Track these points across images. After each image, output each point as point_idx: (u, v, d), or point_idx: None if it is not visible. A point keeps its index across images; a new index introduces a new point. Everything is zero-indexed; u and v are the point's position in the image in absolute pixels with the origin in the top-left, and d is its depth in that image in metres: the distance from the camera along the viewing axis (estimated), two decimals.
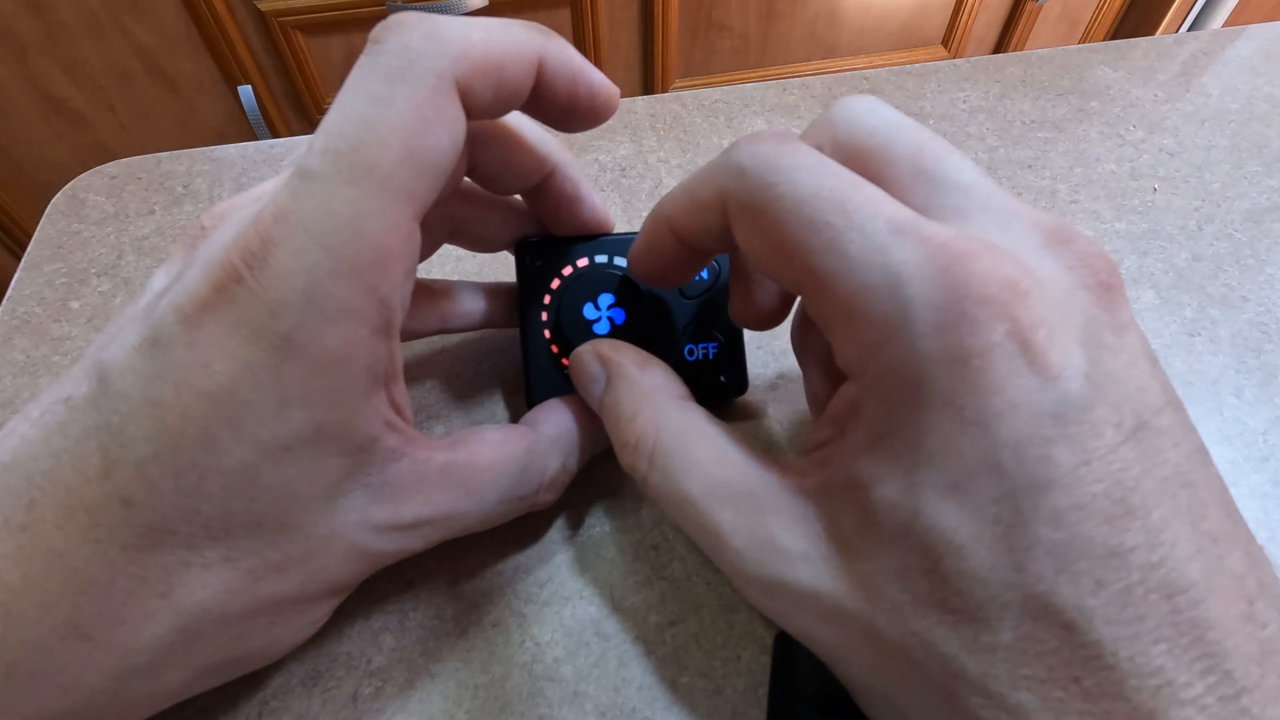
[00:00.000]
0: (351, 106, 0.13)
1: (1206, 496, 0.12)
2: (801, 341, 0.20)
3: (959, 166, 0.14)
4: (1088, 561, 0.11)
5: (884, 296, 0.13)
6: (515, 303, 0.23)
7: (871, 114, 0.15)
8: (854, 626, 0.14)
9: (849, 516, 0.14)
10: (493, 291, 0.23)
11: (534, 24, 0.16)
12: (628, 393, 0.18)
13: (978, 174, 0.14)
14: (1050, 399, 0.12)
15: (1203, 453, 0.13)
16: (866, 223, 0.13)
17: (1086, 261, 0.13)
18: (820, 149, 0.15)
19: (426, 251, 0.21)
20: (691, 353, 0.22)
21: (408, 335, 0.21)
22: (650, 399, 0.17)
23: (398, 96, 0.13)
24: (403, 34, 0.14)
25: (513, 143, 0.18)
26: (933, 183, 0.14)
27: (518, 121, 0.18)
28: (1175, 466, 0.12)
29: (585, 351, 0.19)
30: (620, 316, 0.21)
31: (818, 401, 0.19)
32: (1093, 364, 0.12)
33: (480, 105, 0.15)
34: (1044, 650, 0.11)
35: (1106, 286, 0.13)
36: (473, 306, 0.22)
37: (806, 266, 0.14)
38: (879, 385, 0.13)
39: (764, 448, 0.22)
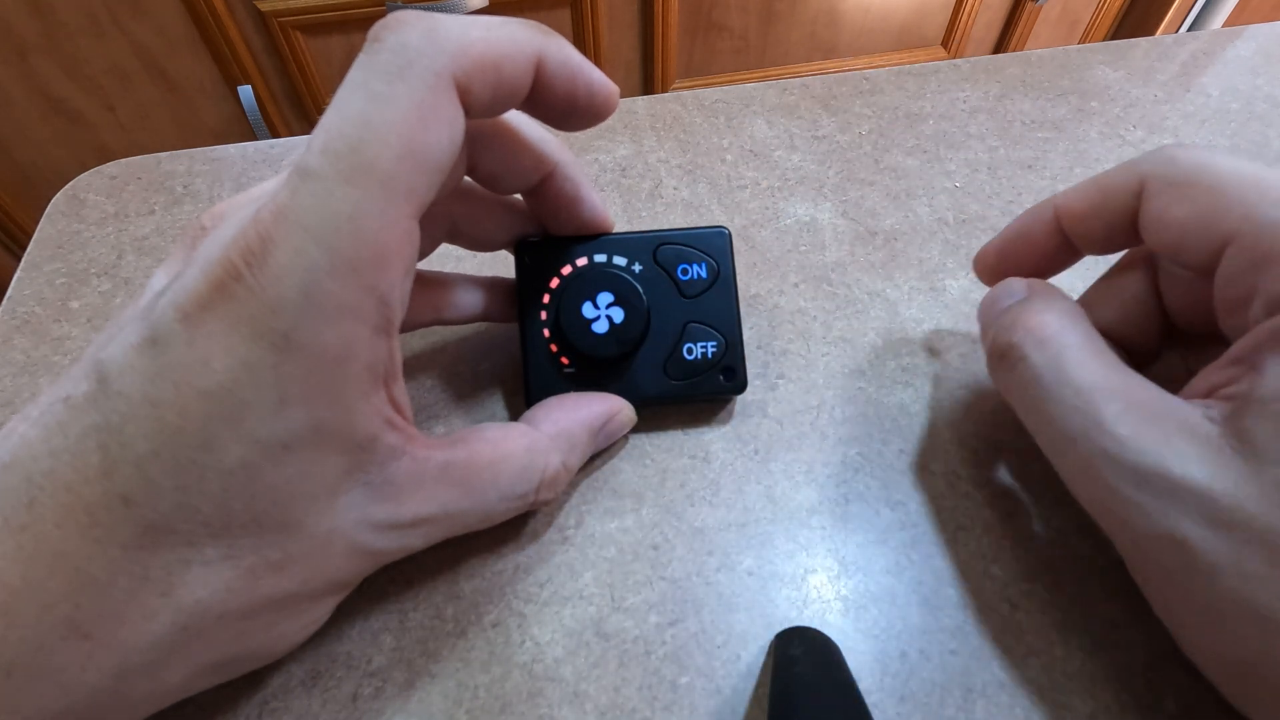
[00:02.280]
0: (350, 105, 0.13)
1: None
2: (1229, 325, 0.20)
3: None
4: None
5: None
6: (512, 296, 0.23)
7: None
8: (1250, 530, 0.14)
9: (1269, 426, 0.14)
10: (490, 285, 0.23)
11: (533, 22, 0.15)
12: (1046, 300, 0.19)
13: None
14: None
15: None
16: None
17: None
18: None
19: (426, 250, 0.21)
20: (691, 352, 0.22)
21: (404, 327, 0.21)
22: (1069, 309, 0.18)
23: (397, 95, 0.13)
24: (401, 32, 0.14)
25: (513, 142, 0.18)
26: None
27: (518, 121, 0.18)
28: None
29: (1012, 280, 0.20)
30: (620, 316, 0.21)
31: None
32: None
33: (479, 104, 0.15)
34: None
35: None
36: (469, 299, 0.22)
37: (1245, 218, 0.16)
38: None
39: (765, 448, 0.22)
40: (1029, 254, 0.21)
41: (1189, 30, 1.16)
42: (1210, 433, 0.15)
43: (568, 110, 0.17)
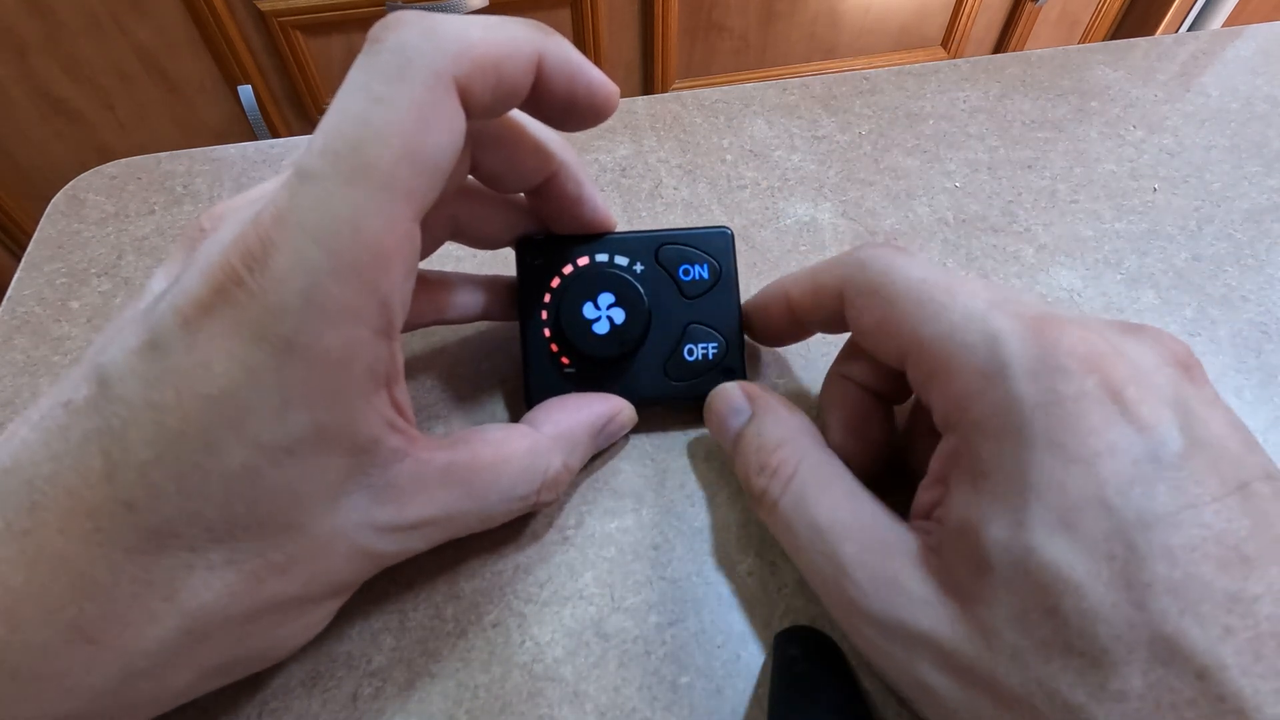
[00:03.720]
0: (350, 106, 0.13)
1: None
2: (910, 447, 0.20)
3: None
4: (1210, 605, 0.11)
5: (983, 353, 0.14)
6: (513, 295, 0.23)
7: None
8: (974, 676, 0.13)
9: (963, 562, 0.14)
10: (490, 284, 0.23)
11: (533, 21, 0.15)
12: (775, 425, 0.19)
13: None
14: (1146, 446, 0.12)
15: None
16: (968, 300, 0.15)
17: (1164, 344, 0.15)
18: None
19: (427, 250, 0.21)
20: (691, 352, 0.22)
21: (405, 327, 0.21)
22: (797, 434, 0.19)
23: (397, 96, 0.13)
24: (401, 32, 0.14)
25: (517, 142, 0.18)
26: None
27: (522, 120, 0.18)
28: (1276, 527, 0.12)
29: (730, 387, 0.21)
30: (620, 316, 0.21)
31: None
32: (1185, 427, 0.13)
33: (480, 104, 0.15)
34: (1179, 700, 0.11)
35: (1186, 366, 0.14)
36: (470, 298, 0.22)
37: (914, 334, 0.16)
38: (979, 428, 0.14)
39: None
40: (772, 326, 0.22)
41: (1189, 30, 1.16)
42: (929, 567, 0.15)
43: (568, 110, 0.17)
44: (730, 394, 0.20)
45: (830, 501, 0.17)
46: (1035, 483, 0.13)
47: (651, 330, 0.21)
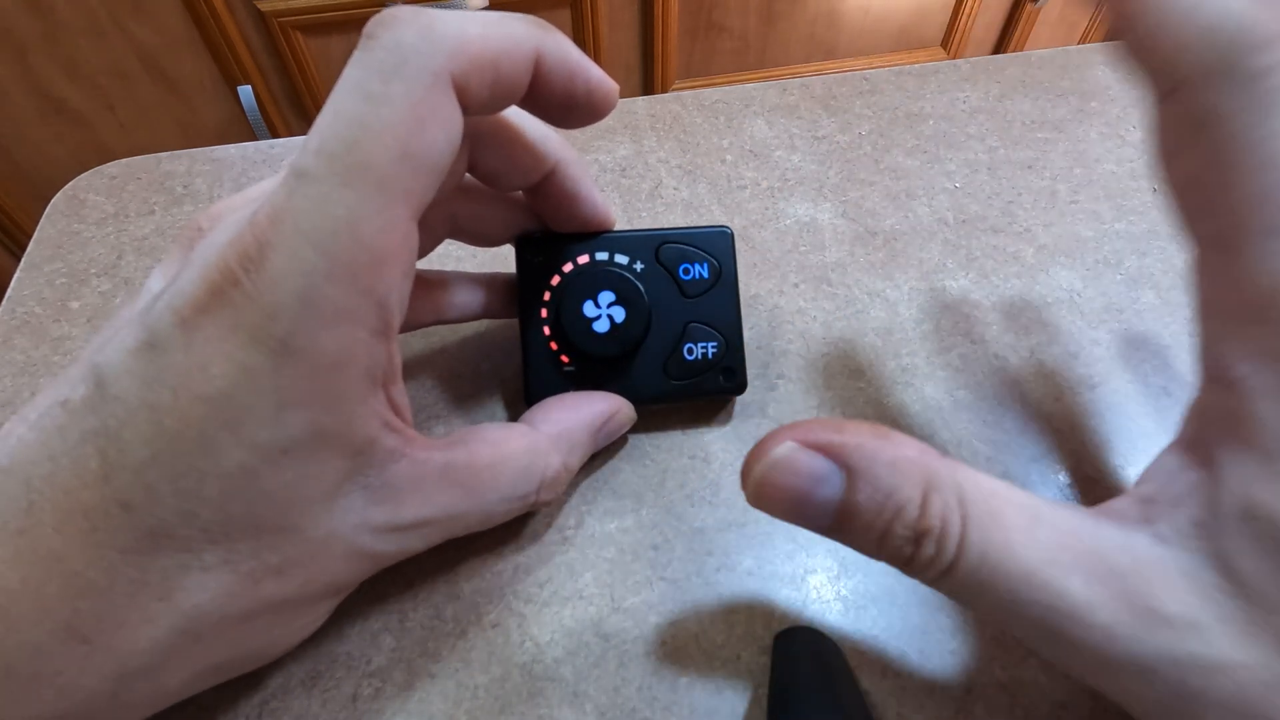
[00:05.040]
0: (345, 105, 0.13)
1: None
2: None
3: None
4: None
5: None
6: (512, 293, 0.23)
7: None
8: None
9: (1252, 556, 0.11)
10: (489, 282, 0.23)
11: (531, 18, 0.15)
12: (895, 476, 0.13)
13: None
14: None
15: None
16: None
17: None
18: None
19: (426, 248, 0.21)
20: (691, 352, 0.22)
21: (404, 327, 0.21)
22: (929, 471, 0.13)
23: (392, 94, 0.13)
24: (397, 29, 0.13)
25: (514, 140, 0.18)
26: None
27: (519, 118, 0.18)
28: None
29: (788, 450, 0.14)
30: (620, 315, 0.21)
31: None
32: None
33: (477, 101, 0.14)
34: None
35: None
36: (469, 298, 0.22)
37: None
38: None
39: None
40: None
41: None
42: (1189, 571, 0.12)
43: (567, 107, 0.16)
44: (797, 461, 0.14)
45: (1021, 536, 0.13)
46: None
47: (651, 329, 0.21)
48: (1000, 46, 1.23)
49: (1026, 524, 0.13)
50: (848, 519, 0.13)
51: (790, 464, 0.13)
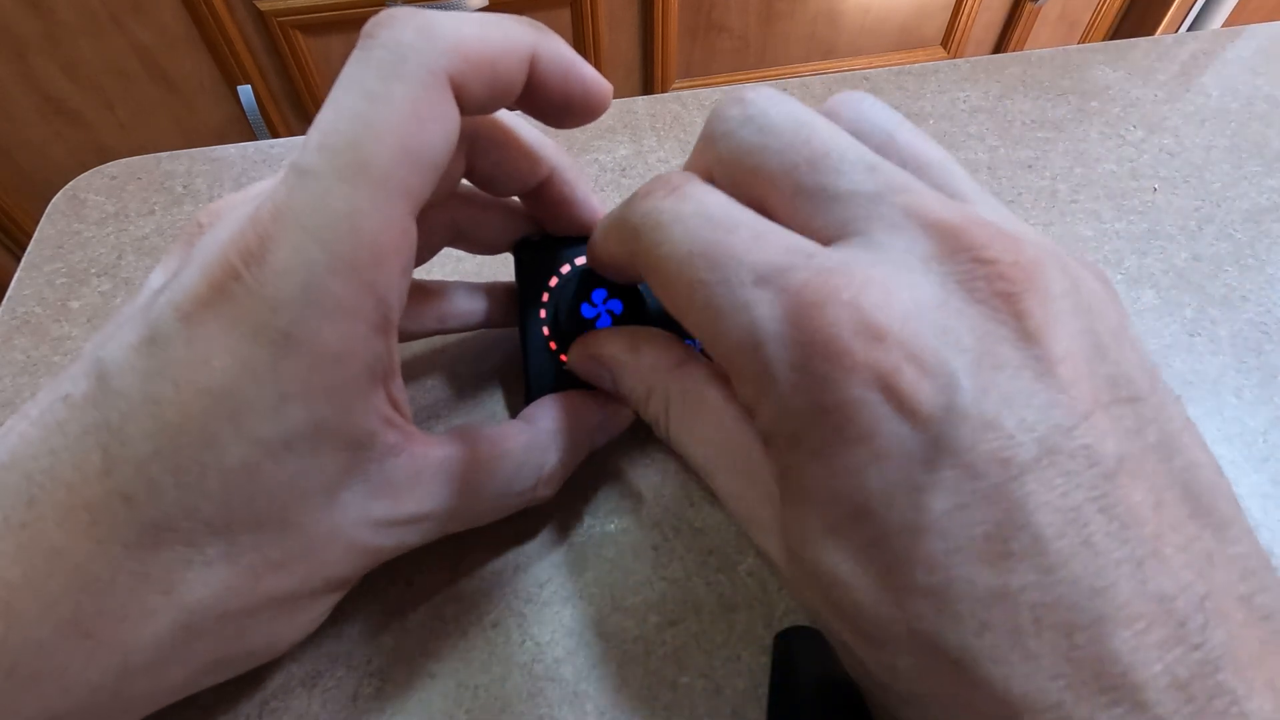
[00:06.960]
0: (345, 103, 0.13)
1: (1140, 513, 0.11)
2: None
3: (838, 176, 0.13)
4: (969, 603, 0.11)
5: (751, 357, 0.13)
6: (513, 302, 0.23)
7: (746, 126, 0.14)
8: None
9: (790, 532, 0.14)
10: (490, 291, 0.23)
11: (527, 19, 0.15)
12: (631, 379, 0.18)
13: (860, 178, 0.13)
14: (920, 443, 0.11)
15: (1139, 458, 0.11)
16: (732, 275, 0.13)
17: (983, 271, 0.12)
18: (709, 172, 0.15)
19: (427, 255, 0.21)
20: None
21: (405, 336, 0.21)
22: (650, 378, 0.18)
23: (392, 93, 0.13)
24: (395, 29, 0.14)
25: (509, 145, 0.18)
26: (813, 200, 0.14)
27: (514, 124, 0.18)
28: (1091, 490, 0.11)
29: (578, 356, 0.20)
30: (619, 313, 0.21)
31: None
32: (981, 391, 0.11)
33: (474, 101, 0.15)
34: (941, 679, 0.12)
35: (1008, 296, 0.12)
36: (470, 306, 0.22)
37: (695, 325, 0.14)
38: (766, 434, 0.14)
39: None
40: (620, 268, 0.19)
41: (1189, 30, 1.16)
42: (774, 496, 0.14)
43: (562, 107, 0.17)
44: (584, 365, 0.20)
45: (699, 435, 0.17)
46: (810, 490, 0.13)
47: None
48: (1000, 46, 1.23)
49: (710, 426, 0.16)
50: (625, 401, 0.19)
51: (579, 365, 0.20)
